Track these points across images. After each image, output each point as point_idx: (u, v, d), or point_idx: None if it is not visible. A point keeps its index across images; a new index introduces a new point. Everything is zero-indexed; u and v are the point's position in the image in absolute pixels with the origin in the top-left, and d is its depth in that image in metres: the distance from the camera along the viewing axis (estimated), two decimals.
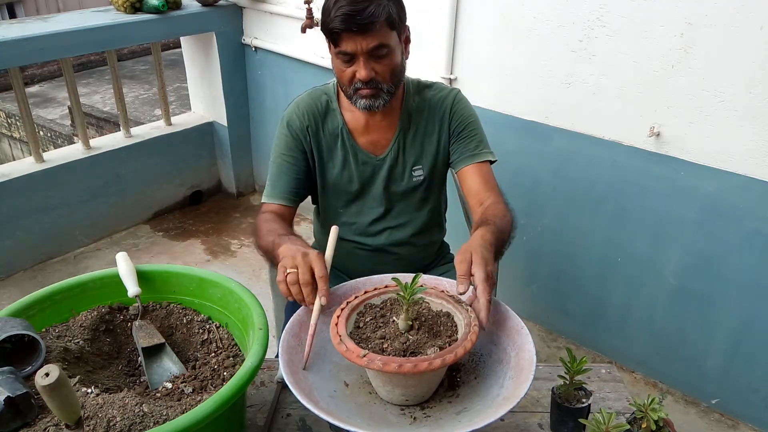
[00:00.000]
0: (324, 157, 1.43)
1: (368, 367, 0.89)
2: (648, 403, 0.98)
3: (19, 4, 7.88)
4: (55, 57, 2.68)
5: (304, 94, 1.47)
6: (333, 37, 1.25)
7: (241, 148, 3.42)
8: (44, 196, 2.76)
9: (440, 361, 0.88)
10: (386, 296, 1.06)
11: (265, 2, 2.92)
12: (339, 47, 1.26)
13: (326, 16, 1.24)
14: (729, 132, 1.78)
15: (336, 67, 1.32)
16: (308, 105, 1.43)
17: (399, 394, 0.96)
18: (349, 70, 1.28)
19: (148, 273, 1.17)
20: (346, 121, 1.42)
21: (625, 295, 2.22)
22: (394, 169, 1.44)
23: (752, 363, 1.99)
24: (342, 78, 1.31)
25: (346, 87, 1.32)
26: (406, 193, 1.47)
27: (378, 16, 1.21)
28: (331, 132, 1.42)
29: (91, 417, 0.87)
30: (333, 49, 1.29)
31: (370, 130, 1.42)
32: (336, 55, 1.29)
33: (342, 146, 1.42)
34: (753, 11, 1.63)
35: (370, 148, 1.43)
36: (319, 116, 1.42)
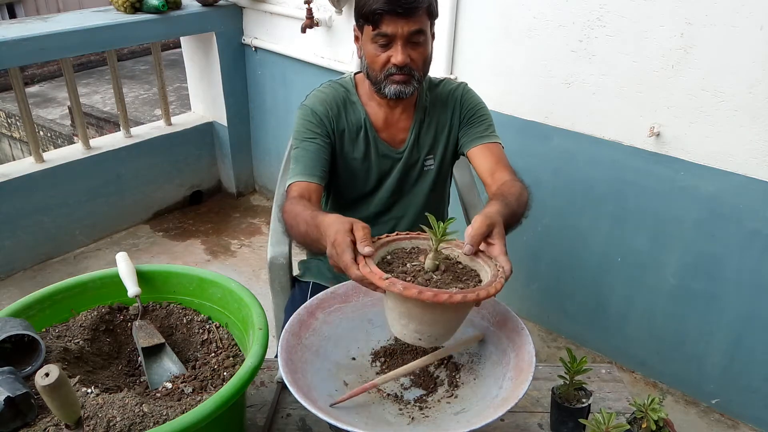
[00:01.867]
0: (345, 147, 1.43)
1: (389, 289, 0.85)
2: (648, 403, 0.98)
3: (19, 4, 7.87)
4: (55, 57, 2.69)
5: (323, 86, 1.46)
6: (374, 18, 1.24)
7: (241, 148, 3.42)
8: (44, 196, 2.76)
9: (461, 296, 0.83)
10: (416, 242, 1.02)
11: (265, 2, 2.92)
12: (379, 29, 1.25)
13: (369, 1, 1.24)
14: (729, 132, 1.78)
15: (369, 52, 1.31)
16: (331, 95, 1.42)
17: (413, 330, 0.92)
18: (384, 54, 1.28)
19: (148, 273, 1.17)
20: (368, 113, 1.42)
21: (625, 295, 2.22)
22: (410, 162, 1.46)
23: (752, 363, 1.99)
24: (375, 63, 1.30)
25: (378, 73, 1.31)
26: (416, 183, 1.48)
27: (422, 2, 1.24)
28: (354, 123, 1.42)
29: (91, 417, 0.87)
30: (370, 32, 1.28)
31: (390, 125, 1.44)
32: (372, 39, 1.28)
33: (365, 138, 1.43)
34: (753, 11, 1.63)
35: (390, 142, 1.44)
36: (342, 107, 1.42)
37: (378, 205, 1.49)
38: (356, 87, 1.44)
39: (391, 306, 0.93)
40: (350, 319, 1.12)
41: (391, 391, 1.02)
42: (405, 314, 0.91)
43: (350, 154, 1.44)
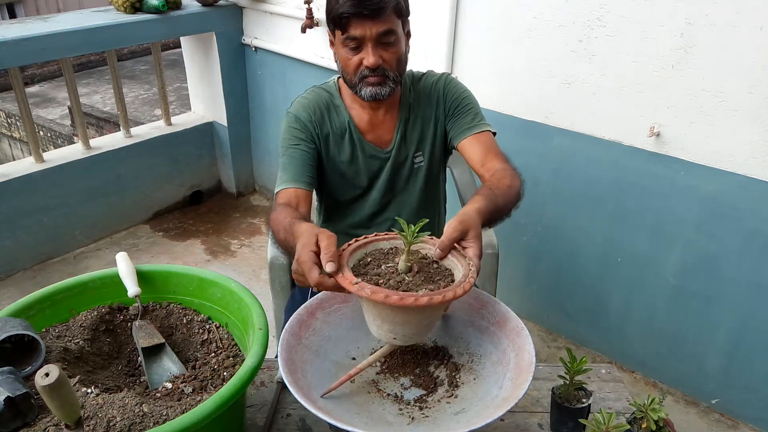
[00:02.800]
0: (331, 150, 1.44)
1: (358, 293, 0.88)
2: (648, 403, 0.98)
3: (19, 4, 7.88)
4: (55, 57, 2.69)
5: (306, 92, 1.47)
6: (342, 22, 1.25)
7: (241, 148, 3.42)
8: (44, 196, 2.76)
9: (426, 299, 0.86)
10: (395, 243, 1.03)
11: (265, 2, 2.92)
12: (347, 32, 1.25)
13: (336, 3, 1.24)
14: (729, 132, 1.78)
15: (341, 56, 1.31)
16: (314, 100, 1.44)
17: (387, 330, 0.94)
18: (356, 57, 1.29)
19: (148, 273, 1.17)
20: (352, 117, 1.43)
21: (625, 295, 2.22)
22: (399, 160, 1.46)
23: (752, 363, 1.99)
24: (348, 66, 1.31)
25: (352, 76, 1.32)
26: (408, 181, 1.48)
27: (388, 2, 1.24)
28: (338, 126, 1.43)
29: (91, 417, 0.87)
30: (340, 36, 1.28)
31: (375, 126, 1.44)
32: (342, 43, 1.28)
33: (350, 141, 1.43)
34: (753, 11, 1.63)
35: (377, 142, 1.45)
36: (325, 111, 1.43)
37: (372, 206, 1.49)
38: (340, 91, 1.45)
39: (365, 308, 0.96)
40: (350, 319, 1.12)
41: (391, 391, 1.02)
42: (378, 316, 0.93)
43: (337, 158, 1.44)
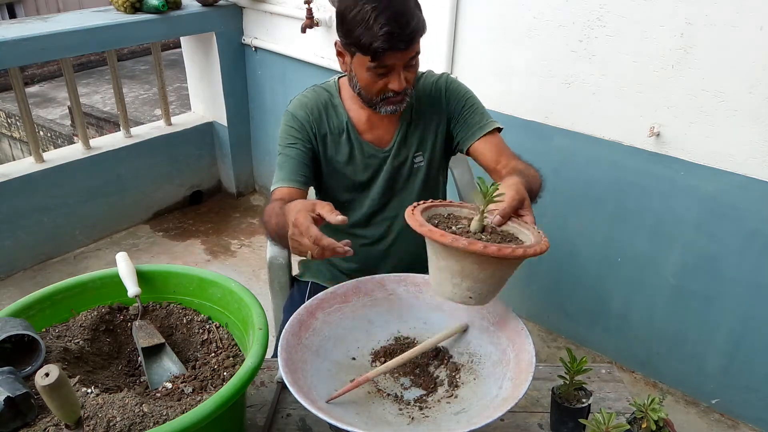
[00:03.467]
0: (329, 150, 1.44)
1: (452, 245, 0.87)
2: (648, 403, 0.98)
3: (19, 4, 7.88)
4: (55, 57, 2.68)
5: (306, 91, 1.47)
6: (375, 54, 1.23)
7: (241, 148, 3.42)
8: (44, 196, 2.76)
9: (523, 250, 0.88)
10: (451, 209, 1.05)
11: (265, 2, 2.92)
12: (378, 62, 1.25)
13: (366, 33, 1.21)
14: (729, 132, 1.78)
15: (363, 79, 1.30)
16: (312, 100, 1.44)
17: (465, 288, 0.94)
18: (382, 81, 1.29)
19: (148, 273, 1.17)
20: (351, 118, 1.43)
21: (625, 295, 2.22)
22: (398, 159, 1.46)
23: (752, 363, 1.99)
24: (371, 88, 1.31)
25: (373, 96, 1.32)
26: (407, 181, 1.48)
27: (419, 31, 1.24)
28: (336, 126, 1.43)
29: (91, 417, 0.87)
30: (366, 62, 1.26)
31: (374, 126, 1.44)
32: (368, 68, 1.27)
33: (347, 140, 1.43)
34: (753, 11, 1.63)
35: (375, 142, 1.44)
36: (324, 111, 1.43)
37: (371, 206, 1.49)
38: (339, 90, 1.45)
39: (444, 265, 0.94)
40: (350, 319, 1.12)
41: (391, 391, 1.02)
42: (459, 272, 0.92)
43: (335, 157, 1.44)
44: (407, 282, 1.17)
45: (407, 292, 1.17)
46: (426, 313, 1.15)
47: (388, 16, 1.20)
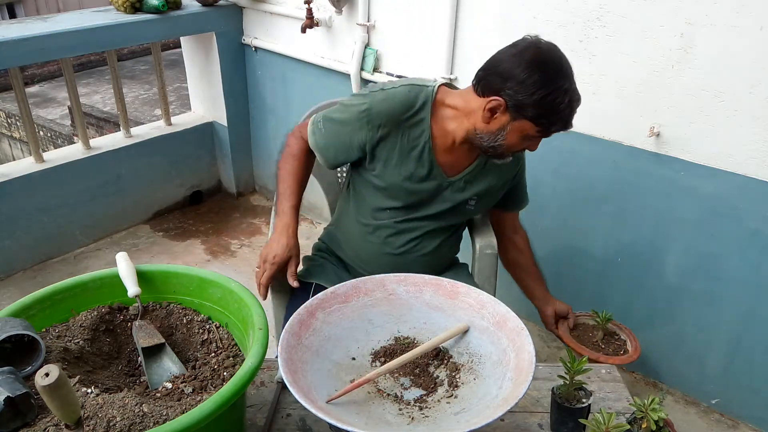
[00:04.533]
0: (389, 159, 1.39)
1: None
2: (648, 403, 0.98)
3: (19, 4, 7.88)
4: (55, 57, 2.68)
5: (401, 87, 1.38)
6: (547, 132, 1.29)
7: (241, 148, 3.42)
8: (44, 196, 2.76)
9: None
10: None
11: (265, 2, 2.92)
12: (544, 134, 1.30)
13: (560, 119, 1.26)
14: (729, 132, 1.78)
15: (514, 141, 1.31)
16: (400, 105, 1.36)
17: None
18: (525, 144, 1.33)
19: (148, 273, 1.17)
20: (433, 136, 1.38)
21: (625, 295, 2.22)
22: (455, 193, 1.45)
23: (752, 363, 1.99)
24: (513, 145, 1.33)
25: (505, 151, 1.34)
26: (450, 214, 1.48)
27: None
28: (411, 138, 1.38)
29: (91, 417, 0.87)
30: (533, 130, 1.28)
31: (454, 151, 1.40)
32: (528, 136, 1.30)
33: (418, 157, 1.39)
34: (753, 11, 1.63)
35: (446, 167, 1.42)
36: (404, 120, 1.36)
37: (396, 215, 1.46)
38: (434, 102, 1.37)
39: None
40: (350, 319, 1.12)
41: (391, 391, 1.02)
42: None
43: (396, 168, 1.39)
44: (407, 282, 1.17)
45: (407, 292, 1.17)
46: (426, 313, 1.15)
47: (575, 102, 1.26)
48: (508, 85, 1.25)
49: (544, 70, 1.23)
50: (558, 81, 1.23)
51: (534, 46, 1.26)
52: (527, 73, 1.22)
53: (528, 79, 1.22)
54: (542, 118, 1.25)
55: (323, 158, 1.45)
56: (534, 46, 1.26)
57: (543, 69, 1.23)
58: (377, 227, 1.48)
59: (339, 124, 1.40)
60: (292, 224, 1.41)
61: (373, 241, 1.49)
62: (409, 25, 2.41)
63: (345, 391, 0.95)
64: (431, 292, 1.16)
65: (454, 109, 1.37)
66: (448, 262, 1.62)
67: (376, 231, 1.48)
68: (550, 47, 1.27)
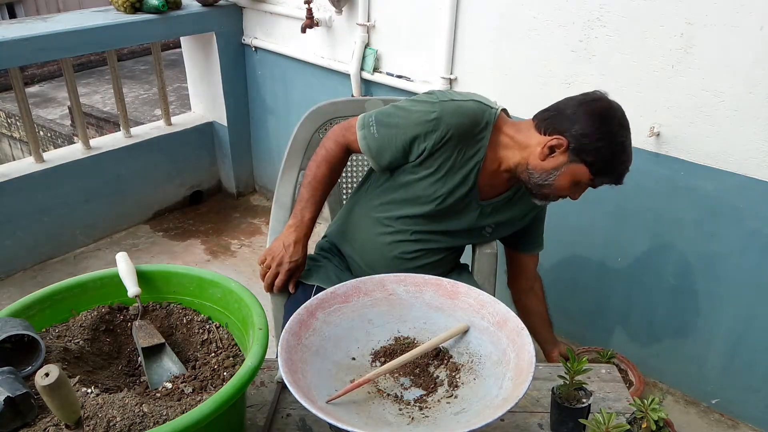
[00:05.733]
0: (439, 170, 1.38)
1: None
2: (648, 403, 0.98)
3: (19, 4, 7.88)
4: (55, 57, 2.68)
5: (471, 102, 1.37)
6: (599, 182, 1.33)
7: (241, 148, 3.42)
8: (44, 196, 2.76)
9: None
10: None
11: (265, 2, 2.92)
12: (594, 185, 1.34)
13: (611, 162, 1.30)
14: (729, 132, 1.78)
15: (564, 184, 1.34)
16: (469, 119, 1.35)
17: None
18: (572, 190, 1.36)
19: (148, 273, 1.17)
20: (485, 158, 1.38)
21: (625, 295, 2.22)
22: (480, 217, 1.45)
23: (752, 363, 1.99)
24: (561, 188, 1.34)
25: (551, 193, 1.36)
26: (465, 234, 1.49)
27: None
28: (465, 157, 1.37)
29: (91, 417, 0.87)
30: (587, 177, 1.31)
31: (495, 177, 1.42)
32: (578, 182, 1.33)
33: (464, 177, 1.38)
34: (753, 11, 1.63)
35: (484, 189, 1.43)
36: (469, 136, 1.36)
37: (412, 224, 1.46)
38: (495, 127, 1.37)
39: None
40: (350, 319, 1.12)
41: (391, 391, 1.02)
42: None
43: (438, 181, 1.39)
44: (407, 282, 1.17)
45: (407, 292, 1.17)
46: (426, 313, 1.15)
47: (630, 158, 1.33)
48: (576, 128, 1.29)
49: (612, 123, 1.29)
50: (622, 137, 1.30)
51: (605, 100, 1.32)
52: (595, 121, 1.28)
53: (594, 125, 1.28)
54: (599, 165, 1.30)
55: (376, 162, 1.42)
56: (605, 100, 1.32)
57: (611, 122, 1.29)
58: (393, 229, 1.48)
59: (396, 128, 1.37)
60: (308, 236, 1.47)
61: (383, 241, 1.49)
62: (409, 25, 2.41)
63: (345, 391, 0.95)
64: (431, 292, 1.16)
65: (510, 138, 1.38)
66: (449, 269, 1.62)
67: (390, 232, 1.48)
68: (617, 105, 1.33)
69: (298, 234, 1.44)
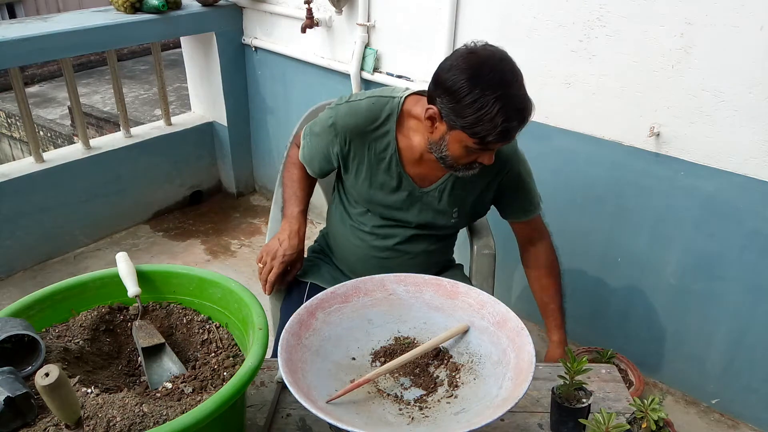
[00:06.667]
0: (359, 171, 1.40)
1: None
2: (648, 403, 0.98)
3: (19, 4, 7.88)
4: (55, 57, 2.68)
5: (365, 100, 1.36)
6: (483, 141, 1.18)
7: (241, 148, 3.42)
8: (44, 196, 2.76)
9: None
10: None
11: (265, 2, 2.92)
12: (483, 146, 1.20)
13: (483, 124, 1.15)
14: (729, 132, 1.78)
15: (457, 153, 1.23)
16: (363, 118, 1.35)
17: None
18: (473, 156, 1.25)
19: (148, 273, 1.17)
20: (399, 148, 1.36)
21: (625, 295, 2.22)
22: (432, 205, 1.42)
23: (752, 363, 1.99)
24: (460, 161, 1.26)
25: (456, 163, 1.26)
26: (434, 226, 1.47)
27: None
28: (377, 152, 1.37)
29: (91, 417, 0.87)
30: (470, 142, 1.19)
31: (423, 163, 1.37)
32: (468, 147, 1.21)
33: (387, 170, 1.38)
34: (753, 11, 1.63)
35: (417, 178, 1.39)
36: (370, 133, 1.35)
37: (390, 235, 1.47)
38: (402, 113, 1.34)
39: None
40: (350, 319, 1.12)
41: (391, 391, 1.02)
42: None
43: (366, 180, 1.40)
44: (407, 282, 1.17)
45: (407, 292, 1.17)
46: (426, 313, 1.15)
47: (510, 111, 1.15)
48: (438, 92, 1.18)
49: (473, 76, 1.13)
50: (488, 88, 1.13)
51: (469, 51, 1.17)
52: (455, 80, 1.14)
53: (455, 85, 1.14)
54: (473, 127, 1.16)
55: (310, 169, 1.50)
56: (469, 51, 1.17)
57: (472, 75, 1.13)
58: (361, 231, 1.49)
59: (316, 136, 1.44)
60: (301, 229, 1.47)
61: (358, 244, 1.50)
62: (409, 25, 2.41)
63: (345, 391, 0.95)
64: (431, 292, 1.16)
65: (418, 120, 1.32)
66: (441, 264, 1.61)
67: (360, 234, 1.49)
68: (490, 52, 1.17)
69: (291, 227, 1.46)
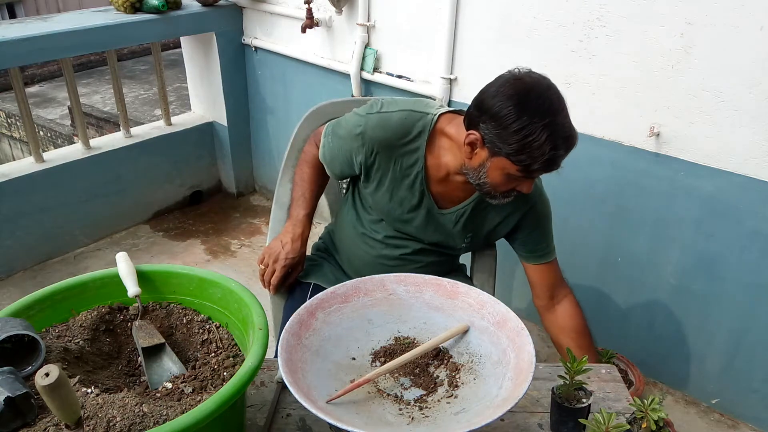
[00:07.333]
0: (381, 183, 1.37)
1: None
2: (648, 403, 0.98)
3: (19, 4, 7.88)
4: (55, 57, 2.68)
5: (398, 113, 1.31)
6: (527, 170, 1.16)
7: (241, 148, 3.42)
8: (44, 196, 2.76)
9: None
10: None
11: (265, 2, 2.92)
12: (526, 174, 1.19)
13: (530, 152, 1.13)
14: (729, 132, 1.78)
15: (498, 180, 1.21)
16: (393, 132, 1.31)
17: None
18: (513, 184, 1.23)
19: (148, 273, 1.17)
20: (426, 166, 1.32)
21: (625, 295, 2.22)
22: (448, 227, 1.40)
23: (752, 363, 1.99)
24: (499, 186, 1.23)
25: (496, 191, 1.25)
26: (445, 246, 1.46)
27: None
28: (404, 167, 1.33)
29: (91, 417, 0.87)
30: (513, 170, 1.17)
31: (448, 183, 1.35)
32: (510, 175, 1.19)
33: (410, 187, 1.35)
34: (753, 11, 1.63)
35: (439, 198, 1.37)
36: (398, 148, 1.31)
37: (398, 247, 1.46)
38: (433, 130, 1.31)
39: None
40: (350, 319, 1.12)
41: (391, 391, 1.02)
42: None
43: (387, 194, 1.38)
44: (407, 282, 1.17)
45: (407, 292, 1.17)
46: (426, 313, 1.15)
47: (557, 140, 1.13)
48: (483, 118, 1.16)
49: (521, 102, 1.11)
50: (536, 115, 1.10)
51: (515, 78, 1.14)
52: (501, 106, 1.12)
53: (501, 111, 1.12)
54: (519, 155, 1.14)
55: (330, 171, 1.47)
56: (515, 78, 1.14)
57: (519, 101, 1.11)
58: (372, 238, 1.48)
59: (341, 139, 1.39)
60: (305, 233, 1.47)
61: (367, 250, 1.50)
62: (409, 25, 2.41)
63: (345, 391, 0.95)
64: (431, 292, 1.16)
65: (452, 140, 1.29)
66: (447, 271, 1.60)
67: (371, 242, 1.48)
68: (535, 80, 1.15)
69: (295, 231, 1.45)
